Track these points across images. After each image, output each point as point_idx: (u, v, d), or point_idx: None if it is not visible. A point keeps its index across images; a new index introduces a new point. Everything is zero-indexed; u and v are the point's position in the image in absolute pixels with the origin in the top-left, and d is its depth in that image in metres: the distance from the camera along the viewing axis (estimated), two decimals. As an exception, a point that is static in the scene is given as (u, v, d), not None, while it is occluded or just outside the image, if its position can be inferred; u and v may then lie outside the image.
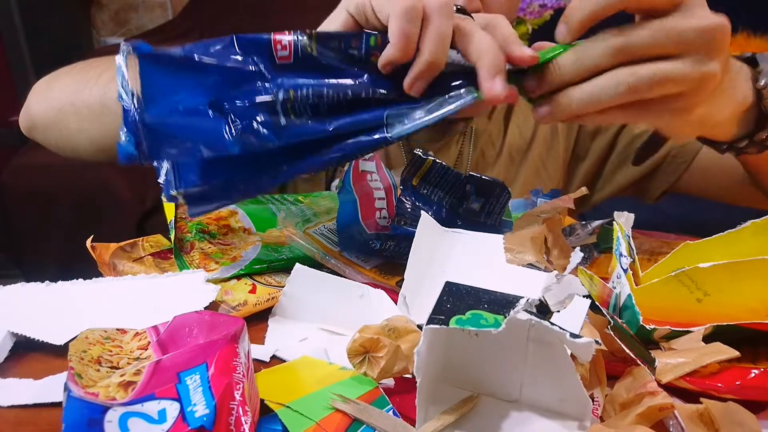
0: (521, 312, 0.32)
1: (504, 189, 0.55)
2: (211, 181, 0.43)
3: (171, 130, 0.40)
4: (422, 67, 0.41)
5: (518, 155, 0.83)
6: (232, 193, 0.45)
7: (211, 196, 0.44)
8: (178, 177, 0.43)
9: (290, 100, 0.41)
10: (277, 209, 0.62)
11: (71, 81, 0.66)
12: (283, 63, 0.41)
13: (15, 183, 1.55)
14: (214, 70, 0.41)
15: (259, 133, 0.41)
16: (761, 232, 0.45)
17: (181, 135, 0.41)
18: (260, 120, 0.41)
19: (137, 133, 0.40)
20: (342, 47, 0.42)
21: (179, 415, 0.30)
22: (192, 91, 0.41)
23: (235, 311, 0.47)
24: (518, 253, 0.49)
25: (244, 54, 0.41)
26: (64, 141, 0.68)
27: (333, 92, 0.41)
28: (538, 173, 0.83)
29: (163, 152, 0.41)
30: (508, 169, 0.83)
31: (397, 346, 0.36)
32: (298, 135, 0.42)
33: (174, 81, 0.40)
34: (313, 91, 0.41)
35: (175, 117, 0.40)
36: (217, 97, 0.41)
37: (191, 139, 0.40)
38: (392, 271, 0.52)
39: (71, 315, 0.44)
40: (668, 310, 0.42)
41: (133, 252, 0.54)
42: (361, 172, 0.55)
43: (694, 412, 0.33)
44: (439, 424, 0.34)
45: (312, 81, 0.41)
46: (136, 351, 0.37)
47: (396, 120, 0.42)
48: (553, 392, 0.35)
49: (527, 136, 0.83)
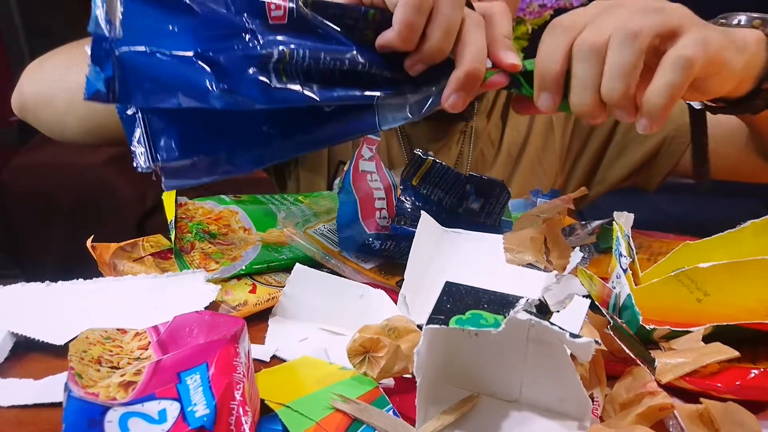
0: (521, 312, 0.32)
1: (504, 189, 0.55)
2: (192, 154, 0.41)
3: (149, 69, 0.37)
4: (426, 53, 0.42)
5: (515, 151, 0.83)
6: (214, 167, 0.42)
7: (191, 171, 0.42)
8: (152, 146, 0.40)
9: (284, 60, 0.39)
10: (277, 209, 0.62)
11: (62, 59, 0.66)
12: (276, 23, 0.39)
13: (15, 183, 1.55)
14: (203, 17, 0.38)
15: (245, 90, 0.38)
16: (761, 232, 0.45)
17: (159, 76, 0.37)
18: (250, 74, 0.38)
19: (110, 68, 0.36)
20: (338, 15, 0.41)
21: (179, 415, 0.30)
22: (177, 36, 0.37)
23: (235, 311, 0.47)
24: (518, 253, 0.49)
25: (236, 11, 0.39)
26: (53, 121, 0.68)
27: (329, 59, 0.40)
28: (535, 169, 0.83)
29: (136, 93, 0.37)
30: (507, 167, 0.83)
31: (397, 346, 0.36)
32: (285, 100, 0.39)
33: (159, 19, 0.37)
34: (309, 53, 0.39)
35: (155, 56, 0.37)
36: (205, 45, 0.38)
37: (170, 84, 0.37)
38: (392, 271, 0.52)
39: (71, 315, 0.44)
40: (668, 310, 0.42)
41: (134, 252, 0.54)
42: (361, 172, 0.55)
43: (694, 412, 0.33)
44: (439, 424, 0.34)
45: (308, 43, 0.39)
46: (136, 351, 0.37)
47: (386, 111, 0.42)
48: (553, 392, 0.35)
49: (523, 132, 0.83)
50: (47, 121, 0.69)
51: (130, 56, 0.37)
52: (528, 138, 0.83)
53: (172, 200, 0.57)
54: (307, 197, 0.65)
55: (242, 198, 0.63)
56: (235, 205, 0.61)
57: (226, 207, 0.60)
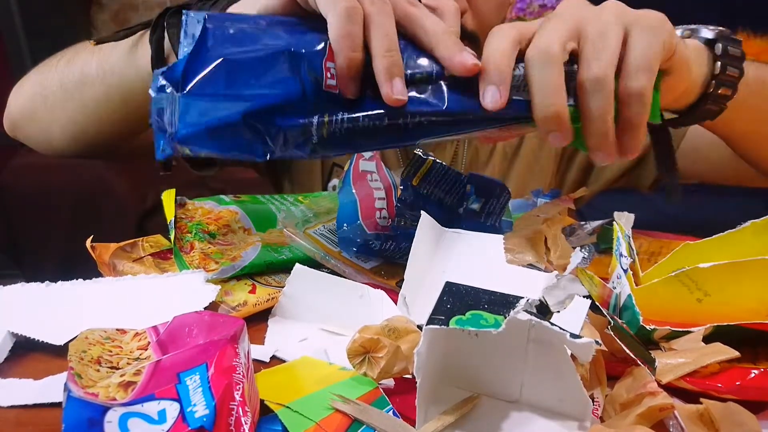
0: (521, 312, 0.32)
1: (504, 189, 0.55)
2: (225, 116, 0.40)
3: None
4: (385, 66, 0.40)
5: (510, 151, 0.83)
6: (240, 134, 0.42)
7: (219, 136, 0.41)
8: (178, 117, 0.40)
9: (324, 125, 0.41)
10: (277, 209, 0.62)
11: (38, 72, 0.68)
12: (330, 92, 0.41)
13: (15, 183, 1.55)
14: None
15: (293, 152, 0.41)
16: (761, 232, 0.45)
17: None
18: (300, 142, 0.41)
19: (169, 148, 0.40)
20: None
21: (179, 416, 0.30)
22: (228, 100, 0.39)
23: (235, 311, 0.47)
24: (518, 253, 0.49)
25: (293, 63, 0.40)
26: (39, 134, 0.69)
27: (369, 121, 0.41)
28: (531, 168, 0.83)
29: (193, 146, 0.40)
30: (502, 166, 0.83)
31: (397, 347, 0.36)
32: (330, 155, 0.44)
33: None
34: (348, 119, 0.41)
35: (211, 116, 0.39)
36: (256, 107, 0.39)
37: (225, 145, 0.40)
38: (392, 271, 0.52)
39: (71, 315, 0.44)
40: (668, 310, 0.42)
41: (133, 252, 0.54)
42: (361, 172, 0.55)
43: (694, 413, 0.33)
44: (439, 424, 0.34)
45: (351, 113, 0.41)
46: (136, 351, 0.37)
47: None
48: (553, 392, 0.35)
49: None
50: (35, 135, 0.70)
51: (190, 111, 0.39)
52: (523, 138, 0.83)
53: (171, 200, 0.57)
54: (306, 197, 0.65)
55: (242, 198, 0.63)
56: (235, 205, 0.61)
57: (226, 207, 0.60)
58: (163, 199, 0.57)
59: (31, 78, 0.69)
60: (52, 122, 0.66)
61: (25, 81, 0.69)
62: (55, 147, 0.69)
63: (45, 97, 0.65)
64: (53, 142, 0.69)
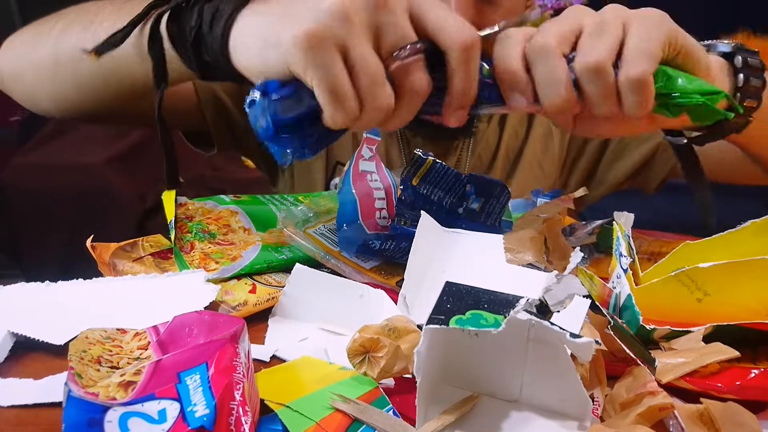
0: (521, 312, 0.32)
1: (504, 189, 0.55)
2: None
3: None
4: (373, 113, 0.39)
5: (513, 155, 0.83)
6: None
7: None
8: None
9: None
10: (277, 209, 0.62)
11: (29, 34, 0.65)
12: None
13: (15, 183, 1.55)
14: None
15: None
16: (761, 232, 0.45)
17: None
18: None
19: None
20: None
21: (179, 415, 0.30)
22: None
23: (235, 311, 0.47)
24: (518, 253, 0.49)
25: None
26: (25, 96, 0.68)
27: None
28: (534, 173, 0.83)
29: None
30: (504, 170, 0.83)
31: (397, 346, 0.36)
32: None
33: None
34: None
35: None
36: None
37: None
38: (392, 271, 0.52)
39: (71, 315, 0.44)
40: (668, 310, 0.42)
41: (133, 252, 0.54)
42: (361, 172, 0.55)
43: (694, 412, 0.33)
44: (439, 424, 0.34)
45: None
46: (136, 351, 0.37)
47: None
48: (553, 392, 0.35)
49: (521, 136, 0.83)
50: (20, 96, 0.69)
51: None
52: (526, 142, 0.83)
53: (171, 200, 0.57)
54: (306, 197, 0.65)
55: (242, 198, 0.63)
56: (235, 205, 0.61)
57: (226, 207, 0.60)
58: (163, 199, 0.56)
59: (20, 38, 0.66)
60: (41, 89, 0.65)
61: (15, 39, 0.67)
62: (42, 109, 0.68)
63: (33, 65, 0.63)
64: (40, 104, 0.67)
